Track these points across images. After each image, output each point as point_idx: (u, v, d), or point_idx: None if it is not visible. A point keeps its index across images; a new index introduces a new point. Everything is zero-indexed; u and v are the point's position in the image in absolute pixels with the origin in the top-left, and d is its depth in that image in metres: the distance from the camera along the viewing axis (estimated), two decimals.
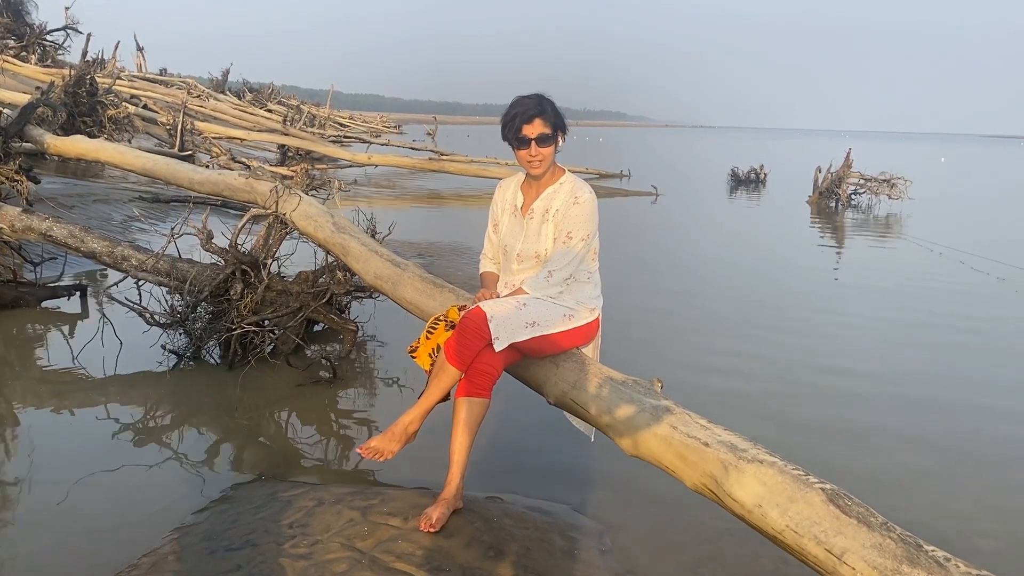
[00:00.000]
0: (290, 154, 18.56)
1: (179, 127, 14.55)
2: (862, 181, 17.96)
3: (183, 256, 5.06)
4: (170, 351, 4.74)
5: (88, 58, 18.66)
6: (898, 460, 4.00)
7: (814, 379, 5.16)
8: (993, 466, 3.99)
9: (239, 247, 4.79)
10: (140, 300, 4.78)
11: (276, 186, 4.89)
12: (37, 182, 6.55)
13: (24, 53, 20.66)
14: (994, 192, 24.93)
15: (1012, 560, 3.14)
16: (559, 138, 3.14)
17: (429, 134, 22.06)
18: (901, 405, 4.77)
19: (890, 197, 17.46)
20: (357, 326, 5.13)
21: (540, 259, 3.17)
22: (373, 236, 4.88)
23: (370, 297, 5.28)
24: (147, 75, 28.50)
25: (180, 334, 4.79)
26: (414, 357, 3.13)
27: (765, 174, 22.45)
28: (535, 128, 3.06)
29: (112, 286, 5.19)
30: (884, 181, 17.70)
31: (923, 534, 2.17)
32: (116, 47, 25.86)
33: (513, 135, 3.09)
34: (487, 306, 2.96)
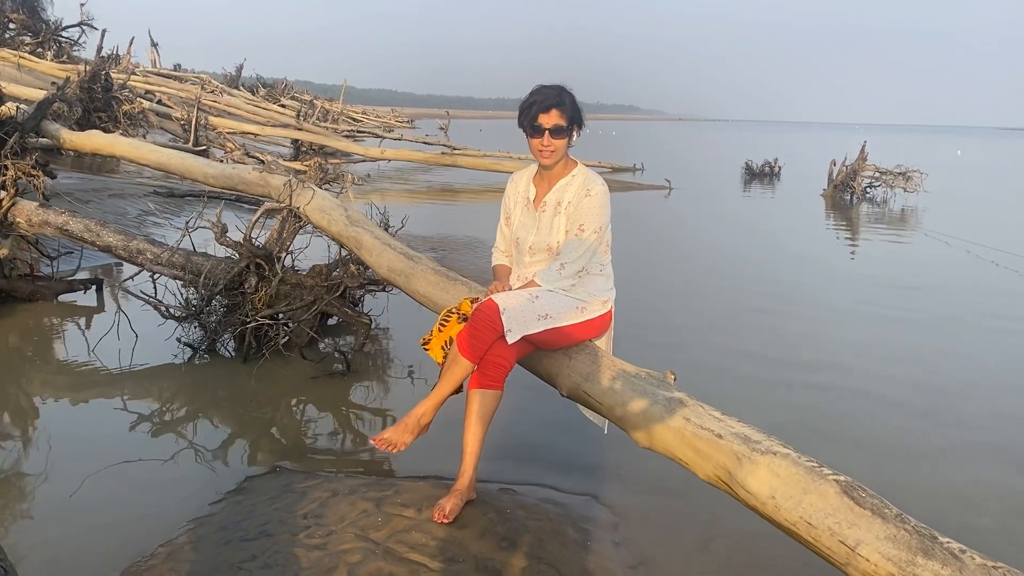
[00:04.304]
0: (303, 149, 18.62)
1: (193, 122, 14.62)
2: (877, 174, 17.81)
3: (198, 250, 5.09)
4: (185, 344, 4.77)
5: (103, 54, 18.80)
6: (907, 451, 3.99)
7: (826, 372, 5.14)
8: (991, 451, 4.05)
9: (253, 241, 4.81)
10: (155, 293, 4.81)
11: (289, 180, 4.91)
12: (53, 177, 6.60)
13: (40, 49, 20.82)
14: (1012, 185, 24.70)
15: (1003, 535, 3.25)
16: (574, 132, 3.13)
17: (442, 128, 22.00)
18: (908, 397, 4.76)
19: (906, 190, 17.32)
20: (370, 319, 5.15)
21: (552, 252, 3.17)
22: (386, 230, 4.89)
23: (383, 290, 5.30)
24: (161, 71, 28.64)
25: (195, 327, 4.82)
26: (427, 350, 3.14)
27: (779, 167, 22.32)
28: (551, 118, 3.05)
29: (128, 280, 5.23)
30: (899, 174, 17.54)
31: (922, 513, 2.17)
32: (131, 43, 26.04)
33: (528, 122, 3.09)
34: (499, 298, 2.96)
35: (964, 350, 5.83)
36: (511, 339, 2.90)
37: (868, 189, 17.72)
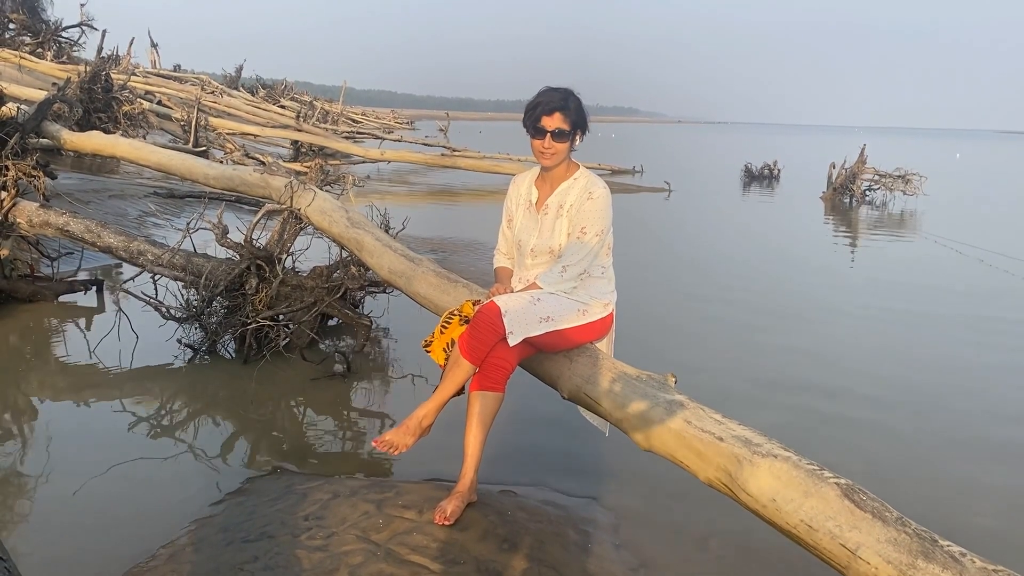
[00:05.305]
0: (303, 150, 18.61)
1: (193, 123, 14.63)
2: (877, 177, 17.83)
3: (198, 251, 5.09)
4: (186, 345, 4.78)
5: (103, 54, 18.80)
6: (906, 452, 4.00)
7: (825, 374, 5.15)
8: (985, 452, 4.08)
9: (254, 242, 4.82)
10: (156, 294, 4.82)
11: (291, 181, 4.92)
12: (54, 178, 6.60)
13: (40, 49, 20.83)
14: (1010, 189, 24.73)
15: (1003, 535, 3.28)
16: (577, 137, 3.14)
17: (441, 130, 22.03)
18: (906, 398, 4.78)
19: (905, 193, 17.34)
20: (371, 321, 5.15)
21: (554, 254, 3.18)
22: (387, 231, 4.89)
23: (384, 292, 5.30)
24: (161, 71, 28.65)
25: (196, 328, 4.82)
26: (428, 351, 3.14)
27: (779, 170, 22.34)
28: (554, 121, 3.06)
29: (128, 280, 5.23)
30: (899, 177, 17.57)
31: (920, 514, 2.18)
32: (131, 44, 26.07)
33: (531, 123, 3.10)
34: (501, 301, 2.97)
35: (962, 352, 5.84)
36: (512, 341, 2.90)
37: (867, 192, 17.74)
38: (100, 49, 18.80)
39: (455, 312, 3.12)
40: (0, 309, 5.45)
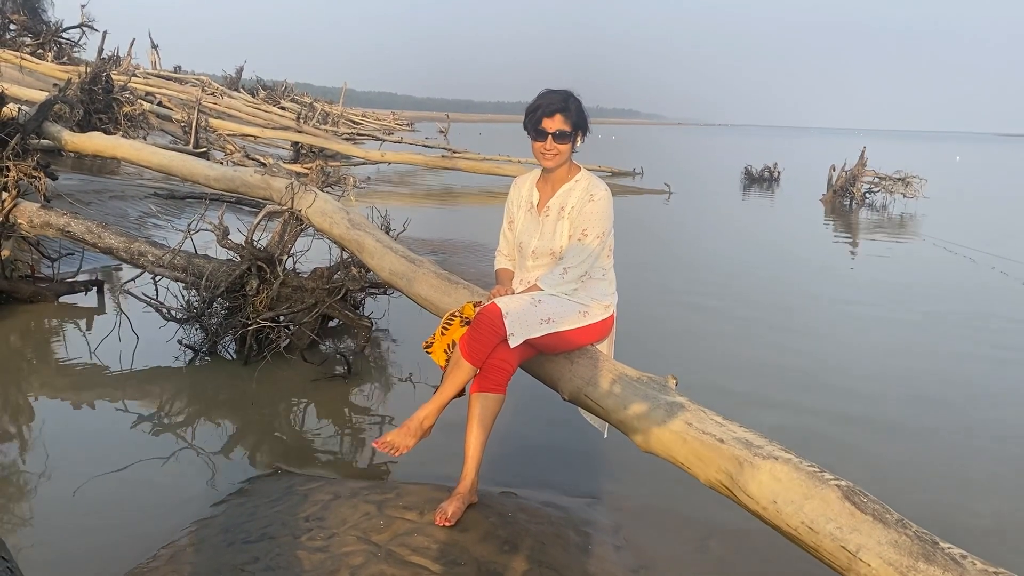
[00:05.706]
0: (303, 151, 18.62)
1: (194, 124, 14.64)
2: (877, 180, 17.85)
3: (199, 252, 5.10)
4: (186, 346, 4.78)
5: (104, 55, 18.80)
6: (905, 454, 4.01)
7: (825, 376, 5.16)
8: (986, 454, 4.08)
9: (255, 243, 4.82)
10: (157, 295, 4.82)
11: (292, 183, 4.92)
12: (54, 178, 6.61)
13: (40, 50, 20.83)
14: (1010, 191, 24.75)
15: (1001, 536, 3.30)
16: (578, 138, 3.15)
17: (441, 132, 22.05)
18: (905, 400, 4.78)
19: (905, 196, 17.36)
20: (371, 322, 5.15)
21: (555, 256, 3.18)
22: (387, 233, 4.90)
23: (384, 293, 5.31)
24: (162, 72, 28.64)
25: (196, 329, 4.82)
26: (429, 353, 3.14)
27: (779, 172, 22.35)
28: (555, 123, 3.07)
29: (129, 281, 5.23)
30: (899, 180, 17.59)
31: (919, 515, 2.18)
32: (131, 45, 26.05)
33: (532, 126, 3.11)
34: (502, 302, 2.97)
35: (962, 354, 5.84)
36: (513, 343, 2.90)
37: (867, 194, 17.75)
38: (101, 50, 18.81)
39: (456, 313, 3.12)
40: (1, 309, 5.46)
